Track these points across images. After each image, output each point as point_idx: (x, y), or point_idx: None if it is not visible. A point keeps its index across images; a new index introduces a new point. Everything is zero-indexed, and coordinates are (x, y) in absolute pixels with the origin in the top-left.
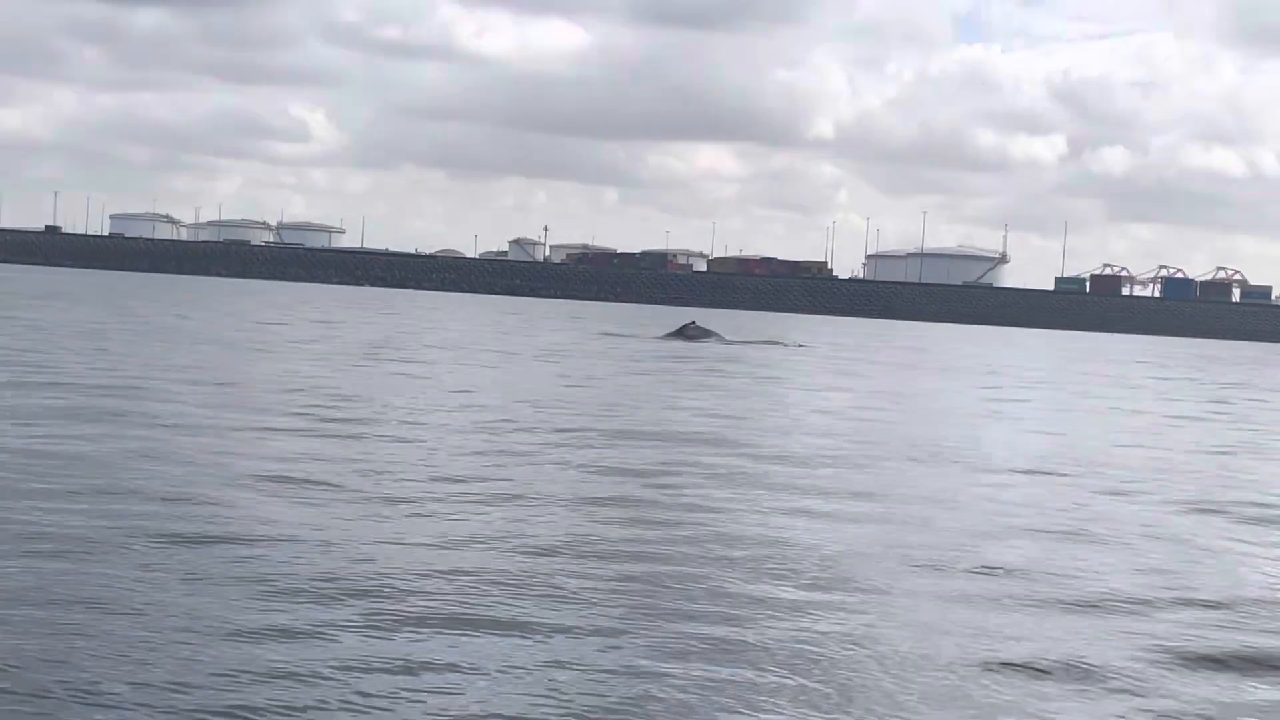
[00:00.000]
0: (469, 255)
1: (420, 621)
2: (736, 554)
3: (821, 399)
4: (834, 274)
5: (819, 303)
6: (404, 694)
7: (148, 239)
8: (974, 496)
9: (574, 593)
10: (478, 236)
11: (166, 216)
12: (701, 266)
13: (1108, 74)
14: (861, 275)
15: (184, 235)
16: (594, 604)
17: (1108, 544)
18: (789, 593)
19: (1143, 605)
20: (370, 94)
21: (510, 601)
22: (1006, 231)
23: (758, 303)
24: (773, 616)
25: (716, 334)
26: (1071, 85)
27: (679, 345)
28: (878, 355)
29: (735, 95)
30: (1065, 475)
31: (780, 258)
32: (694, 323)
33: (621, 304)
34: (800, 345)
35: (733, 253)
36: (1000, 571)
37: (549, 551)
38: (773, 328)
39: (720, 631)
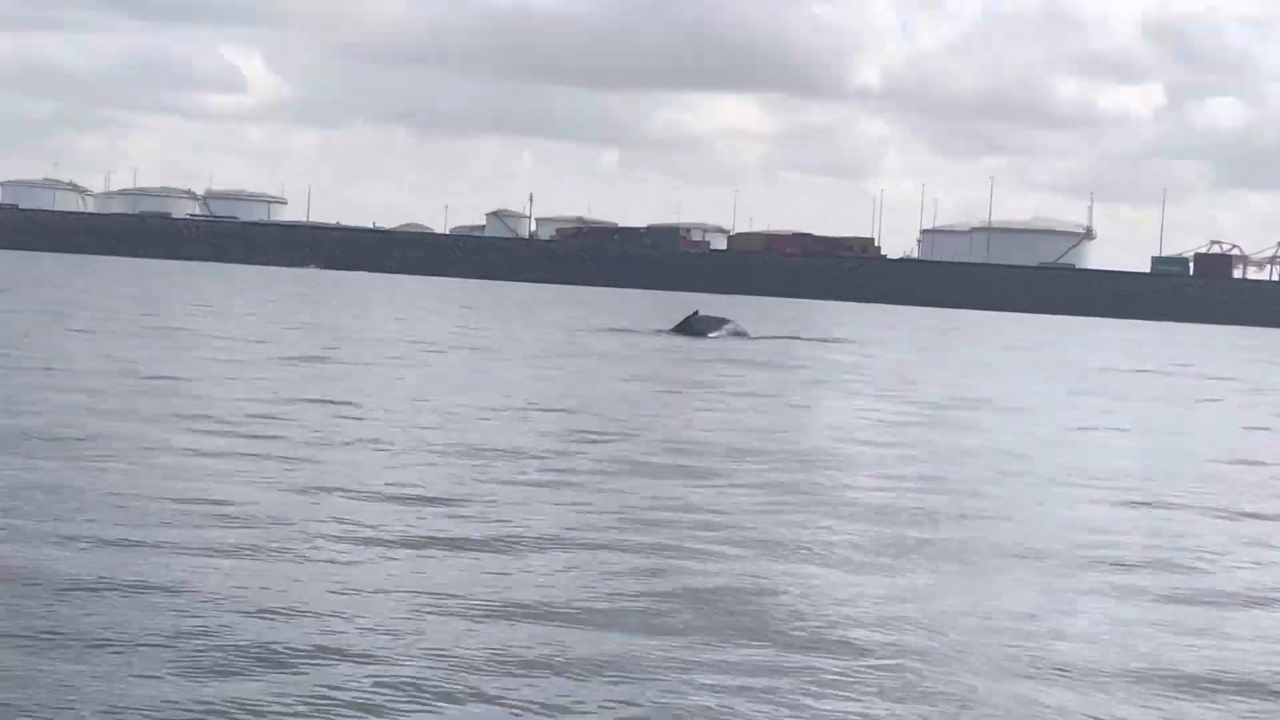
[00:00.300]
0: (438, 231)
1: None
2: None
3: (881, 412)
4: (882, 253)
5: (864, 288)
6: None
7: (47, 211)
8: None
9: (567, 664)
10: (449, 208)
11: (70, 184)
12: (721, 244)
13: (1214, 9)
14: (915, 255)
15: (91, 207)
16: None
17: None
18: None
19: None
20: (317, 34)
21: (493, 680)
22: (1091, 202)
23: (789, 287)
24: None
25: (735, 325)
26: (1170, 23)
27: (685, 344)
28: (946, 351)
29: (762, 36)
30: None
31: (816, 234)
32: (696, 313)
33: (624, 289)
34: (844, 341)
35: (759, 227)
36: None
37: (541, 615)
38: (807, 319)
39: None
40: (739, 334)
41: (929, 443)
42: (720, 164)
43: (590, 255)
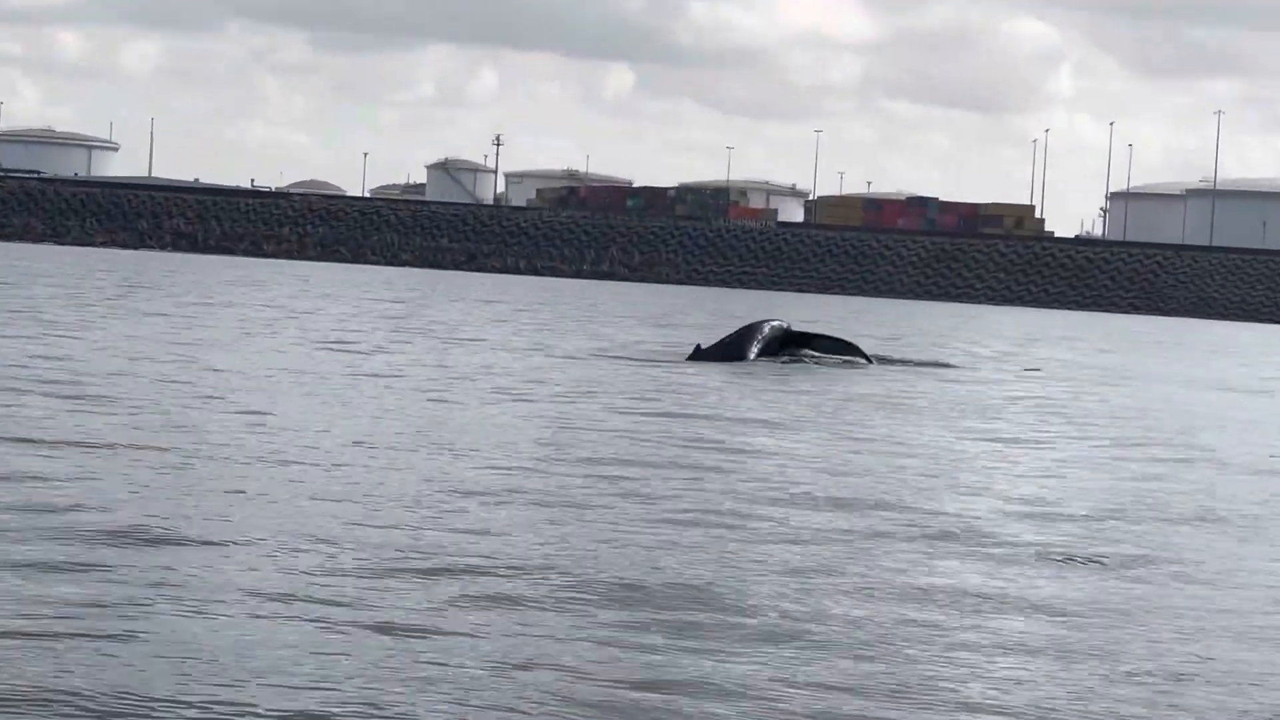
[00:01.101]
0: (352, 194)
1: None
2: None
3: None
4: (1047, 229)
5: (1019, 281)
6: None
7: None
8: None
9: None
10: (369, 157)
11: None
12: (794, 214)
13: None
14: (1099, 231)
15: None
16: None
17: None
18: None
19: None
20: None
21: None
22: None
23: (902, 282)
24: None
25: (821, 345)
26: None
27: (761, 382)
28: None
29: None
30: None
31: (944, 199)
32: (762, 332)
33: (640, 285)
34: (1033, 371)
35: (853, 188)
36: None
37: None
38: (939, 330)
39: None
40: (852, 361)
41: None
42: (793, 90)
43: (589, 230)
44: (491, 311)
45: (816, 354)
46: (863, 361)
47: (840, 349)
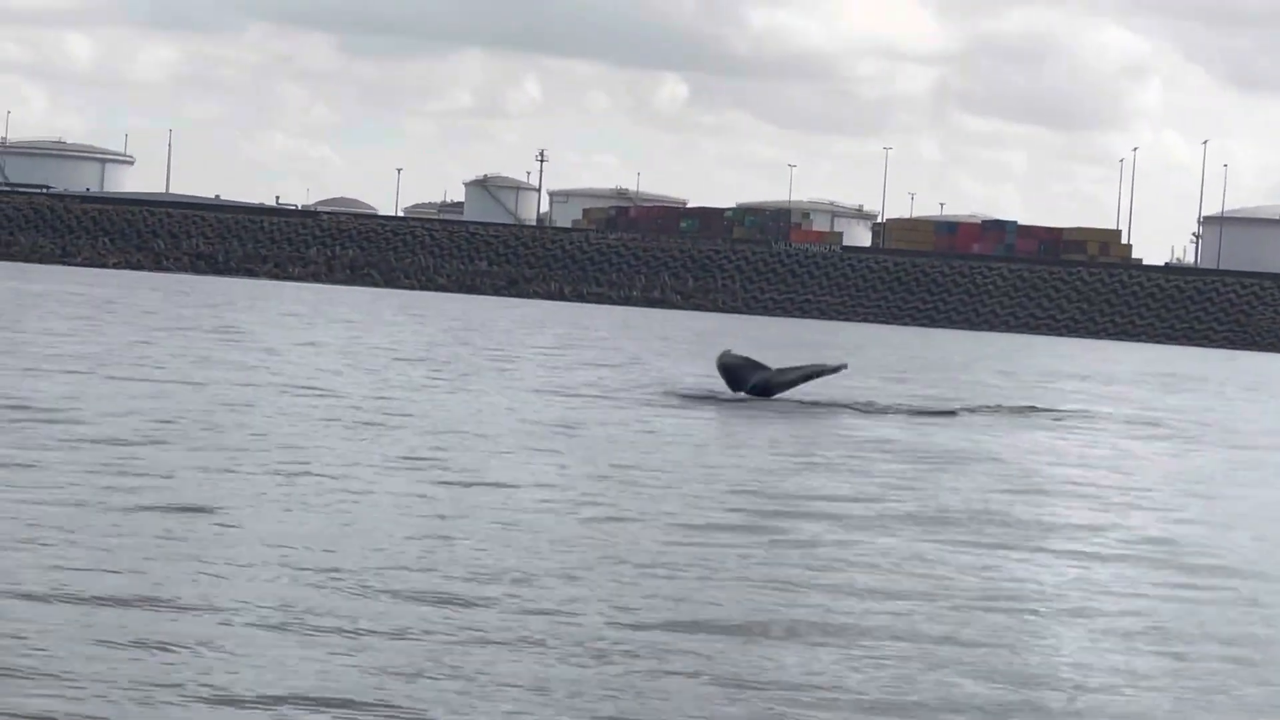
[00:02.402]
0: (384, 213)
1: None
2: None
3: None
4: (1135, 255)
5: (1104, 312)
6: None
7: None
8: None
9: None
10: (402, 174)
11: None
12: (861, 237)
13: None
14: (1190, 258)
15: None
16: None
17: None
18: None
19: None
20: None
21: None
22: None
23: (977, 312)
24: None
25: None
26: None
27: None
28: None
29: None
30: None
31: (1022, 222)
32: (825, 372)
33: (693, 313)
34: (1160, 424)
35: (924, 210)
36: None
37: None
38: (1019, 367)
39: None
40: (946, 409)
41: None
42: (859, 104)
43: (639, 254)
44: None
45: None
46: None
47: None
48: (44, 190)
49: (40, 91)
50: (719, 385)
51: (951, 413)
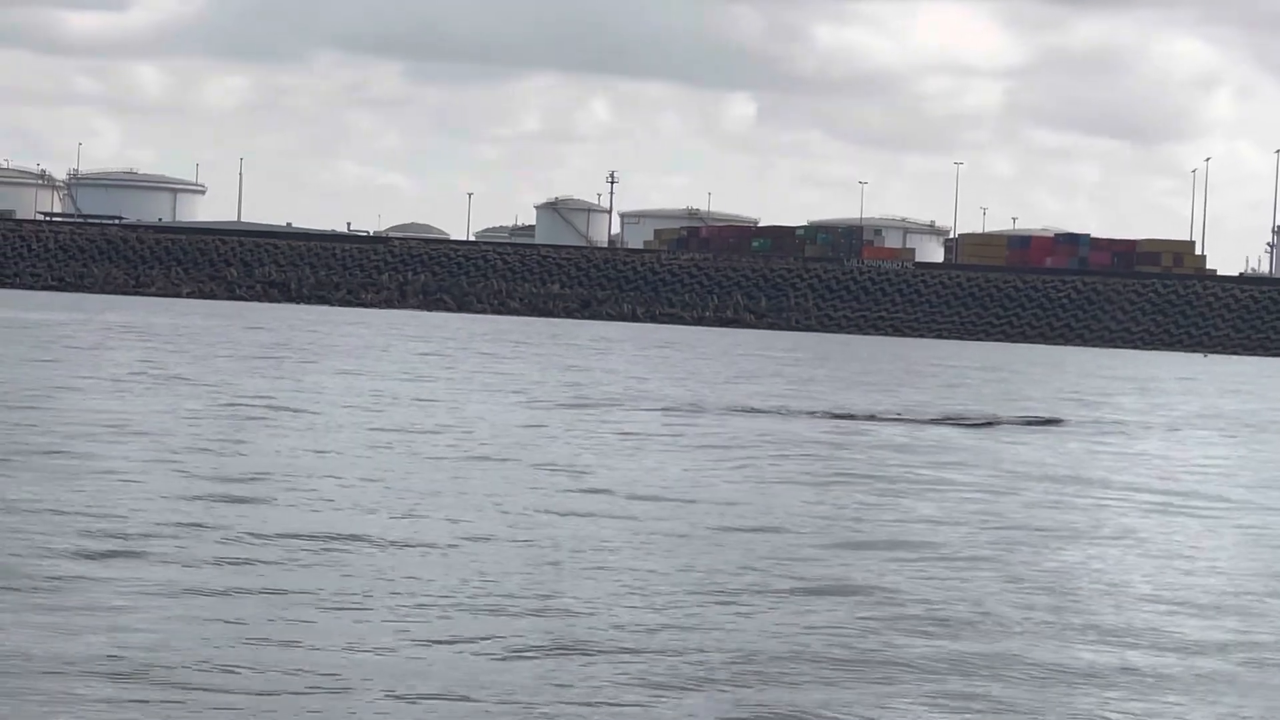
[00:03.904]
0: (456, 237)
1: None
2: None
3: None
4: (1208, 266)
5: (1179, 324)
6: None
7: None
8: None
9: None
10: (473, 198)
11: None
12: (933, 253)
13: None
14: (1265, 268)
15: None
16: None
17: None
18: None
19: None
20: None
21: None
22: None
23: (1051, 326)
24: None
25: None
26: None
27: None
28: None
29: None
30: None
31: (1095, 234)
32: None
33: (767, 332)
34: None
35: (996, 225)
36: None
37: None
38: (1090, 383)
39: None
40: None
41: None
42: (929, 120)
43: (711, 274)
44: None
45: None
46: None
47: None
48: (117, 221)
49: (112, 123)
50: None
51: None
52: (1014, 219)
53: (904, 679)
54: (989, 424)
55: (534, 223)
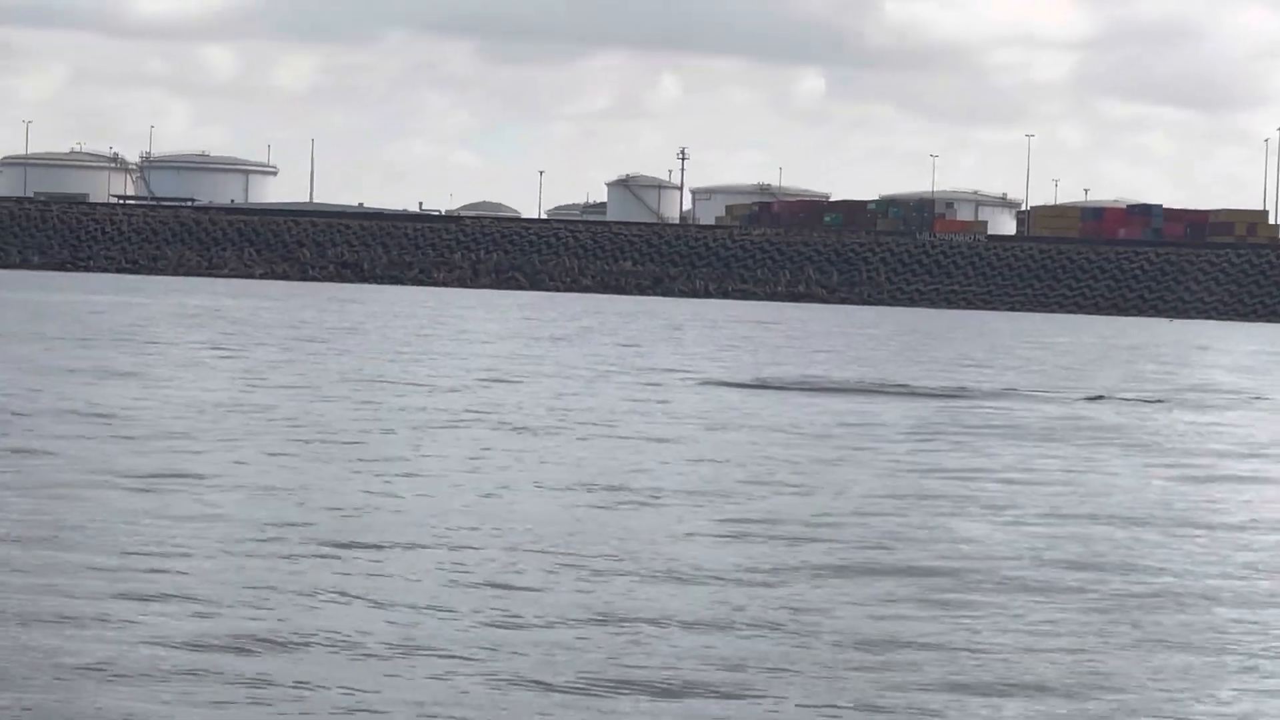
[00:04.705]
0: (527, 216)
1: None
2: None
3: None
4: None
5: (1252, 294)
6: None
7: None
8: None
9: None
10: (544, 176)
11: None
12: (1006, 225)
13: None
14: None
15: None
16: None
17: None
18: None
19: None
20: None
21: None
22: None
23: (1125, 297)
24: None
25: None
26: None
27: None
28: None
29: None
30: None
31: (1168, 205)
32: None
33: (839, 306)
34: None
35: (1068, 196)
36: None
37: None
38: (1176, 355)
39: None
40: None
41: None
42: (1000, 92)
43: (783, 249)
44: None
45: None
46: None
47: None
48: (189, 203)
49: (183, 105)
50: None
51: None
52: (1086, 190)
53: None
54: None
55: (605, 200)
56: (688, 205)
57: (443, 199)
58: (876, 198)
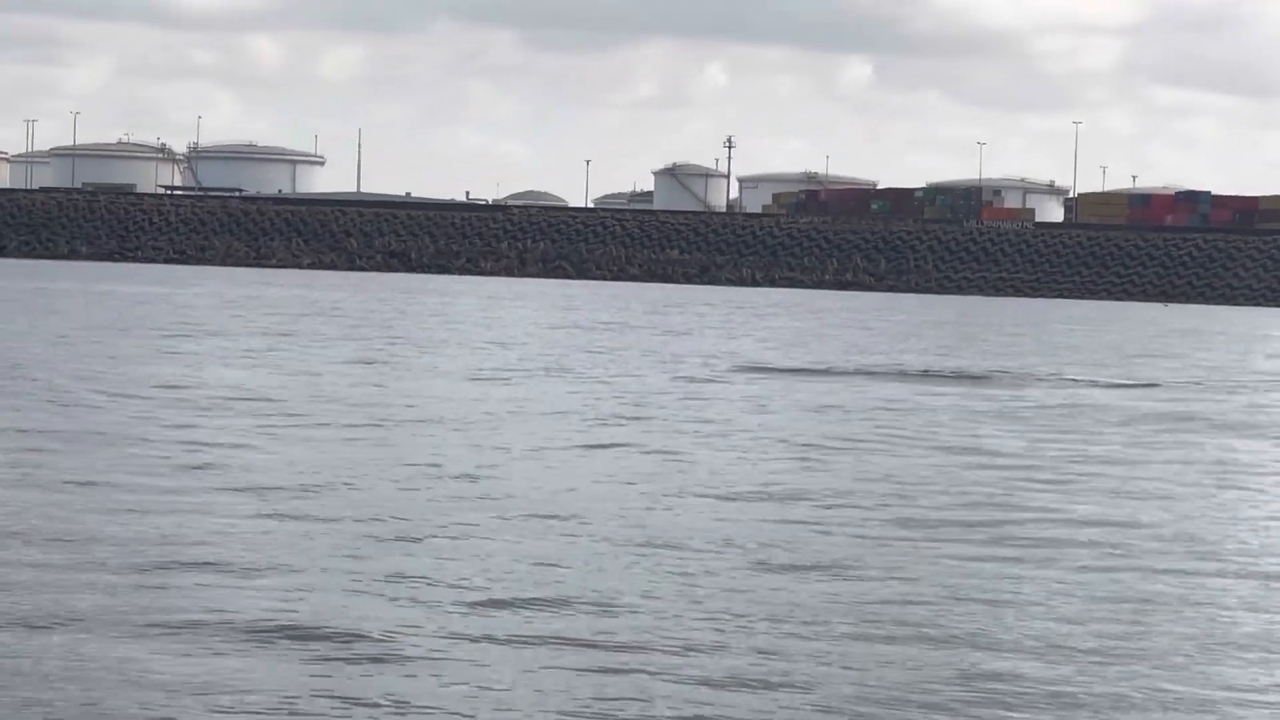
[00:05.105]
0: (574, 205)
1: None
2: None
3: None
4: None
5: None
6: None
7: None
8: None
9: None
10: (591, 165)
11: None
12: (1053, 213)
13: None
14: None
15: (3, 178)
16: None
17: None
18: None
19: None
20: None
21: None
22: None
23: (1173, 284)
24: None
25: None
26: None
27: None
28: None
29: None
30: None
31: (1217, 192)
32: None
33: (891, 294)
34: None
35: (1116, 183)
36: None
37: None
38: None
39: None
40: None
41: None
42: (1047, 79)
43: (830, 237)
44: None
45: None
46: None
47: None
48: (237, 193)
49: (230, 96)
50: None
51: None
52: (1134, 177)
53: None
54: None
55: (652, 189)
56: (734, 193)
57: (490, 188)
58: (924, 185)
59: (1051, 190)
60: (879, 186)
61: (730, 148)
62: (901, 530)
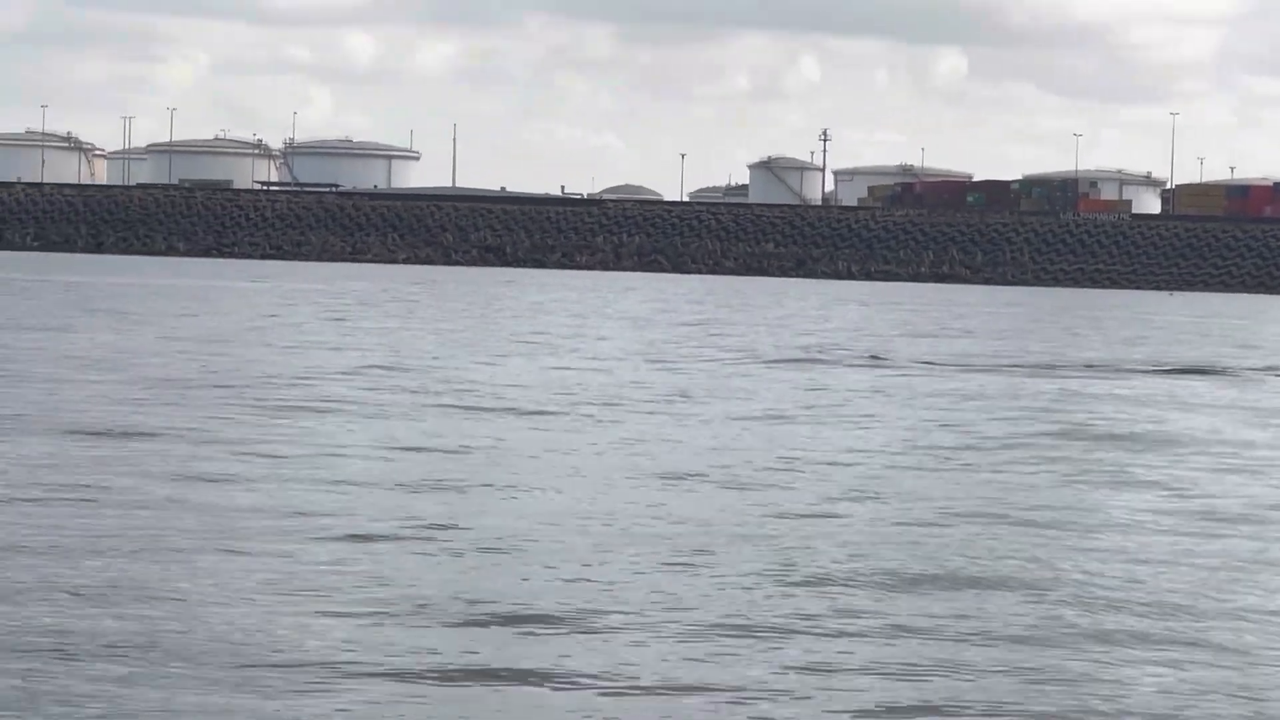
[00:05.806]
0: (669, 199)
1: None
2: None
3: None
4: None
5: None
6: None
7: (27, 184)
8: None
9: None
10: (686, 159)
11: (68, 138)
12: (1150, 204)
13: None
14: None
15: (100, 174)
16: None
17: None
18: None
19: None
20: None
21: None
22: None
23: (1271, 275)
24: None
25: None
26: None
27: None
28: None
29: None
30: None
31: None
32: None
33: (982, 287)
34: None
35: (1214, 174)
36: None
37: None
38: None
39: None
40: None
41: None
42: (1143, 70)
43: (926, 230)
44: None
45: None
46: None
47: None
48: (333, 189)
49: (325, 91)
50: None
51: None
52: (1232, 168)
53: None
54: None
55: (747, 182)
56: (830, 186)
57: (585, 182)
58: (1019, 177)
59: (1148, 182)
60: (975, 179)
61: (825, 141)
62: None
